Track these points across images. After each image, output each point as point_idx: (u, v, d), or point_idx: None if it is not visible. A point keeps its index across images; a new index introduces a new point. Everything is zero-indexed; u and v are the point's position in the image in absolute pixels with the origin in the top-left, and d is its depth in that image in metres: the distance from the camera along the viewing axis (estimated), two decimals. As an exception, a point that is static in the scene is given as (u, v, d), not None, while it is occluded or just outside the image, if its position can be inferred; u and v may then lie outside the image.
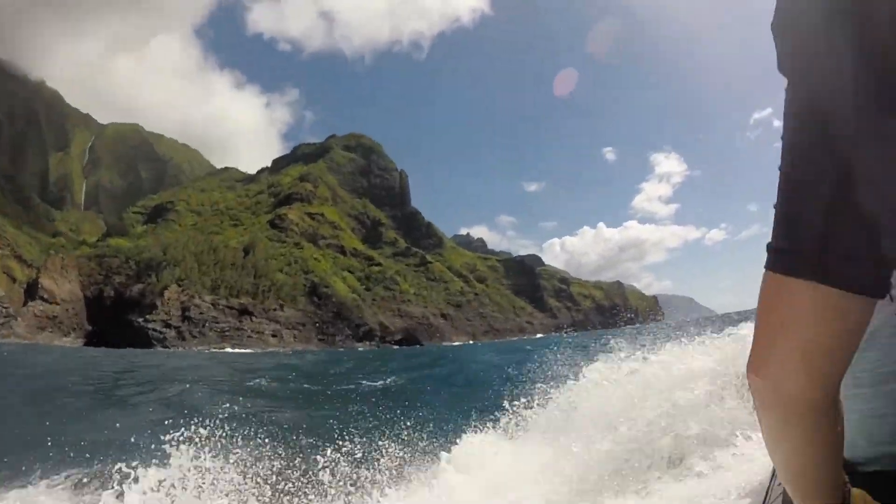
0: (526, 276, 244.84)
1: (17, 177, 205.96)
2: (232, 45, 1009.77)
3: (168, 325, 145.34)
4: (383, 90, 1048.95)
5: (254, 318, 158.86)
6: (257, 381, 24.78)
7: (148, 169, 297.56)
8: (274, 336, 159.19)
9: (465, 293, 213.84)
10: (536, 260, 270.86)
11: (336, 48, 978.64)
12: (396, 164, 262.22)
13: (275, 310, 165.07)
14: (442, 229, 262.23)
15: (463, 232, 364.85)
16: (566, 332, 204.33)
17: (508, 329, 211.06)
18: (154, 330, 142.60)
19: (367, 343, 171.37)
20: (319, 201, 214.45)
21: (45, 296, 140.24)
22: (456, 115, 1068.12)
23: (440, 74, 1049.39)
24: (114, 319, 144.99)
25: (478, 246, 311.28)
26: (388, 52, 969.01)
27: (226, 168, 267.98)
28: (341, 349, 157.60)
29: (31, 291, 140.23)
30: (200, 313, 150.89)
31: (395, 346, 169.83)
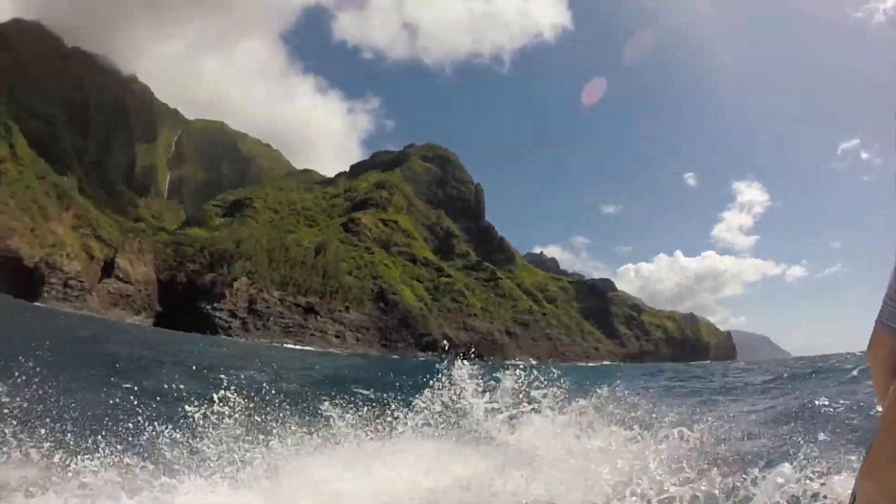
0: (597, 300, 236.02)
1: (104, 164, 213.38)
2: (317, 51, 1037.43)
3: (234, 316, 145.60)
4: (463, 102, 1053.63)
5: (318, 318, 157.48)
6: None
7: (230, 165, 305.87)
8: (337, 337, 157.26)
9: (534, 312, 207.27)
10: (609, 284, 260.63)
11: (418, 58, 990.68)
12: (473, 177, 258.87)
13: (340, 311, 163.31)
14: (515, 246, 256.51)
15: (536, 250, 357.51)
16: (631, 363, 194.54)
17: (574, 353, 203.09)
18: (220, 318, 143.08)
19: (429, 353, 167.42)
20: (394, 209, 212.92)
21: (120, 275, 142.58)
22: (536, 131, 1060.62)
23: (521, 89, 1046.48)
24: (183, 304, 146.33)
25: (550, 265, 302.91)
26: (468, 65, 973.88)
27: (305, 170, 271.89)
28: (398, 357, 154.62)
29: (108, 270, 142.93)
30: (267, 307, 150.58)
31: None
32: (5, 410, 8.41)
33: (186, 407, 8.28)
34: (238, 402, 8.43)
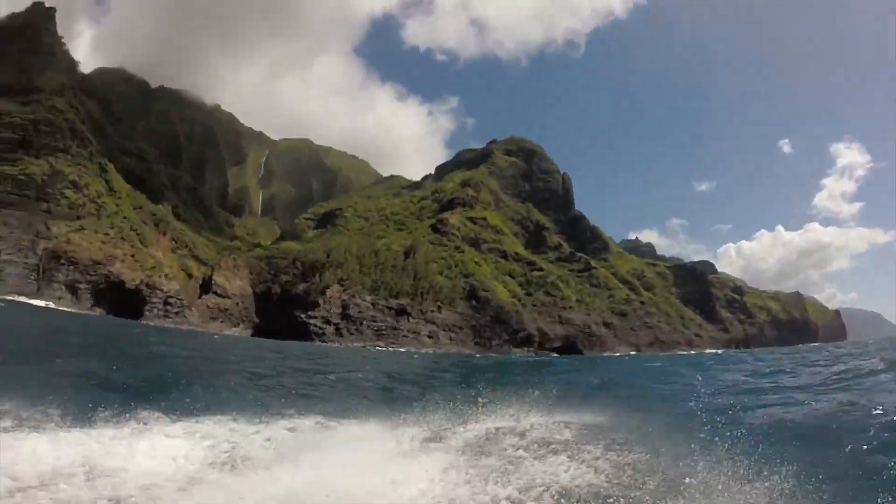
0: (697, 284, 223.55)
1: (199, 189, 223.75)
2: (390, 59, 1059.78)
3: (328, 322, 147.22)
4: (542, 92, 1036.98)
5: (411, 319, 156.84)
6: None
7: (319, 179, 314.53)
8: (430, 337, 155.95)
9: (631, 301, 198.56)
10: (709, 266, 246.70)
11: (490, 54, 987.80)
12: (559, 167, 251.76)
13: (432, 311, 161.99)
14: (609, 234, 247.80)
15: (632, 237, 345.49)
16: (736, 349, 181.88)
17: (675, 341, 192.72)
18: (315, 325, 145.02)
19: (525, 349, 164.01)
20: (481, 206, 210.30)
21: (218, 290, 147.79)
22: (619, 113, 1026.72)
23: (599, 72, 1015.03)
24: (279, 314, 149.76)
25: (646, 251, 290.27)
26: (542, 54, 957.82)
27: (392, 176, 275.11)
28: (495, 354, 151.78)
29: (206, 286, 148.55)
30: (359, 312, 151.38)
31: (554, 354, 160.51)
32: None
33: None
34: None
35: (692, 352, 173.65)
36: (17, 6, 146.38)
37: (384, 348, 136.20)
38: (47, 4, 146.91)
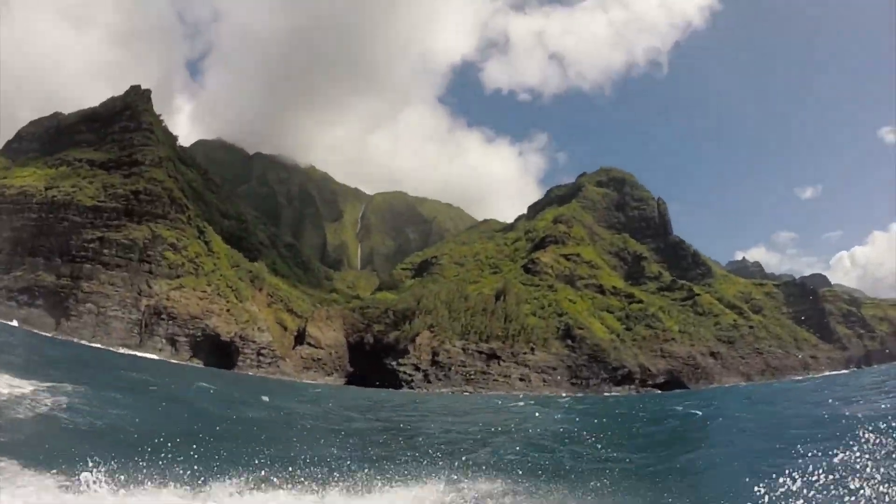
0: (808, 300, 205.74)
1: (297, 246, 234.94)
2: (475, 104, 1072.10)
3: (417, 369, 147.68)
4: (630, 117, 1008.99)
5: (501, 363, 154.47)
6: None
7: (415, 229, 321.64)
8: (521, 380, 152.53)
9: (739, 326, 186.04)
10: (821, 280, 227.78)
11: (574, 86, 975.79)
12: (653, 192, 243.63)
13: (524, 353, 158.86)
14: (716, 257, 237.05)
15: (738, 257, 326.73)
16: (857, 368, 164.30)
17: (789, 366, 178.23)
18: (404, 373, 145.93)
19: (626, 387, 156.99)
20: (574, 242, 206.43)
21: (311, 341, 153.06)
22: (710, 128, 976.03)
23: (685, 88, 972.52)
24: (371, 362, 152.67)
25: (754, 271, 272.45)
26: (626, 78, 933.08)
27: (485, 220, 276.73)
28: (592, 394, 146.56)
29: (300, 338, 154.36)
30: (449, 357, 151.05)
31: (658, 391, 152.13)
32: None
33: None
34: None
35: (808, 376, 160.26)
36: (118, 90, 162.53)
37: (471, 393, 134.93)
38: (144, 87, 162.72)
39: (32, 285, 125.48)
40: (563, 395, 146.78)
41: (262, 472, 15.57)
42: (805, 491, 8.77)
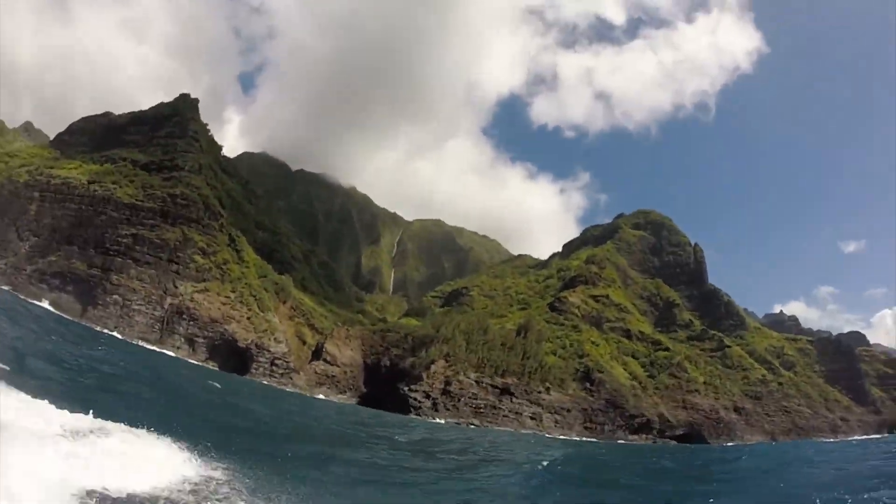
0: (843, 359, 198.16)
1: (331, 264, 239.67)
2: (519, 139, 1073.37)
3: (427, 396, 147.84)
4: (675, 161, 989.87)
5: (514, 399, 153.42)
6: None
7: (449, 258, 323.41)
8: (532, 419, 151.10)
9: (767, 382, 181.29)
10: (858, 338, 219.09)
11: (619, 126, 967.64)
12: (692, 238, 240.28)
13: (539, 392, 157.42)
14: (753, 308, 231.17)
15: (776, 309, 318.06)
16: (888, 433, 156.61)
17: (816, 427, 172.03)
18: (414, 399, 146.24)
19: (643, 436, 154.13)
20: (605, 283, 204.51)
21: (328, 358, 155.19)
22: (755, 174, 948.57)
23: (731, 132, 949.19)
24: (386, 386, 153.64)
25: (790, 325, 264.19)
26: (673, 120, 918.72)
27: (520, 255, 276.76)
28: (606, 440, 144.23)
29: (318, 353, 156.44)
30: (461, 388, 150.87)
31: (673, 443, 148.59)
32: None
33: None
34: None
35: (837, 439, 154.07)
36: (170, 98, 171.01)
37: (477, 426, 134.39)
38: (195, 97, 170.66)
39: (65, 271, 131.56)
40: (575, 437, 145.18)
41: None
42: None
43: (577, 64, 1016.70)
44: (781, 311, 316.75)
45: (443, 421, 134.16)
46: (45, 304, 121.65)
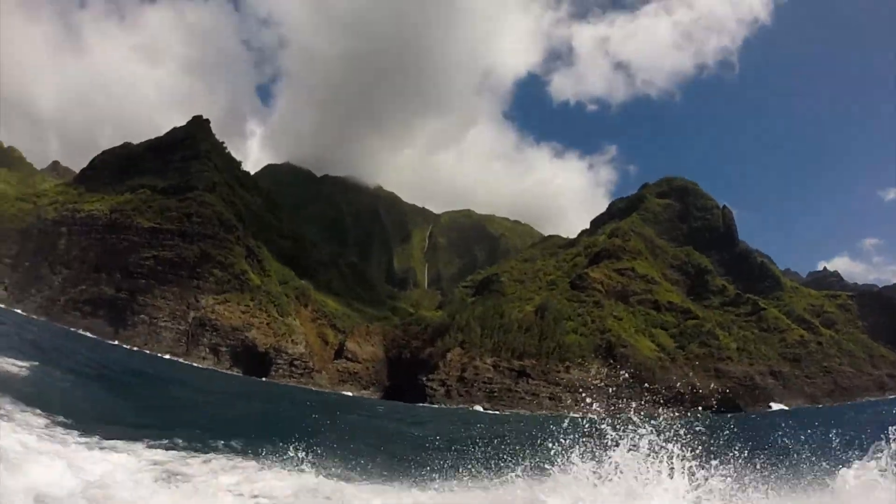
0: (887, 312, 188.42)
1: (361, 265, 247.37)
2: (542, 118, 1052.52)
3: (444, 384, 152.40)
4: (702, 123, 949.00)
5: (530, 380, 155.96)
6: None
7: (481, 247, 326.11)
8: (550, 399, 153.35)
9: (806, 343, 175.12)
10: None
11: (642, 94, 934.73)
12: (728, 201, 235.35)
13: (558, 372, 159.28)
14: (796, 268, 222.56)
15: (820, 267, 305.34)
16: None
17: (861, 387, 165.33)
18: (430, 387, 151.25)
19: (672, 409, 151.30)
20: (630, 256, 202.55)
21: (349, 355, 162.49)
22: (786, 129, 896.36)
23: (759, 87, 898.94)
24: (408, 377, 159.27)
25: (832, 281, 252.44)
26: (696, 82, 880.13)
27: (549, 236, 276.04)
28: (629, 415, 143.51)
29: (339, 352, 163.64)
30: (476, 374, 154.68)
31: (708, 414, 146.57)
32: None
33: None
34: None
35: (885, 397, 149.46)
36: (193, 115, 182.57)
37: (486, 410, 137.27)
38: (216, 113, 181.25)
39: (95, 297, 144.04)
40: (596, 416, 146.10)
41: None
42: None
43: (592, 35, 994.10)
44: (825, 267, 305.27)
45: (446, 406, 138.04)
46: (81, 330, 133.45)
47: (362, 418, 57.69)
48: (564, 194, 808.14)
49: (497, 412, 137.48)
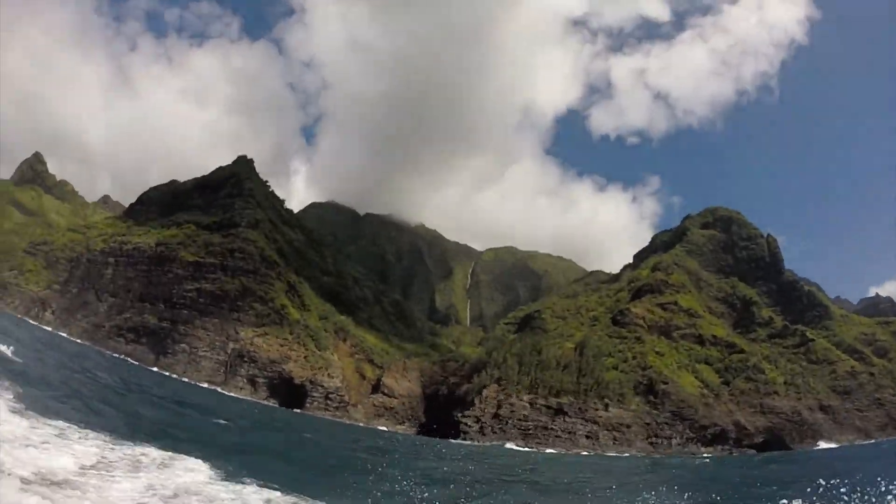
0: None
1: (403, 303, 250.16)
2: (583, 152, 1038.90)
3: (478, 421, 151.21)
4: (744, 150, 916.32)
5: (567, 418, 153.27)
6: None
7: (524, 285, 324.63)
8: (588, 437, 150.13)
9: (857, 374, 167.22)
10: None
11: (683, 124, 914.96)
12: (774, 230, 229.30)
13: (595, 409, 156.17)
14: (847, 295, 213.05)
15: (872, 292, 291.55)
16: None
17: None
18: (465, 424, 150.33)
19: (718, 448, 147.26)
20: (673, 290, 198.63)
21: (385, 391, 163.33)
22: (829, 150, 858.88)
23: (799, 109, 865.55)
24: (443, 414, 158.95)
25: (885, 308, 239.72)
26: (736, 109, 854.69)
27: (592, 272, 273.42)
28: (676, 455, 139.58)
29: (376, 387, 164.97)
30: (511, 411, 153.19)
31: (753, 452, 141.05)
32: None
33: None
34: None
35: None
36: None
37: (523, 448, 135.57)
38: (262, 152, 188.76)
39: (139, 325, 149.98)
40: (636, 454, 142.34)
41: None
42: None
43: (630, 67, 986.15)
44: (877, 293, 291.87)
45: (478, 443, 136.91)
46: (123, 356, 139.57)
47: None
48: (608, 228, 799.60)
49: (532, 449, 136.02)
